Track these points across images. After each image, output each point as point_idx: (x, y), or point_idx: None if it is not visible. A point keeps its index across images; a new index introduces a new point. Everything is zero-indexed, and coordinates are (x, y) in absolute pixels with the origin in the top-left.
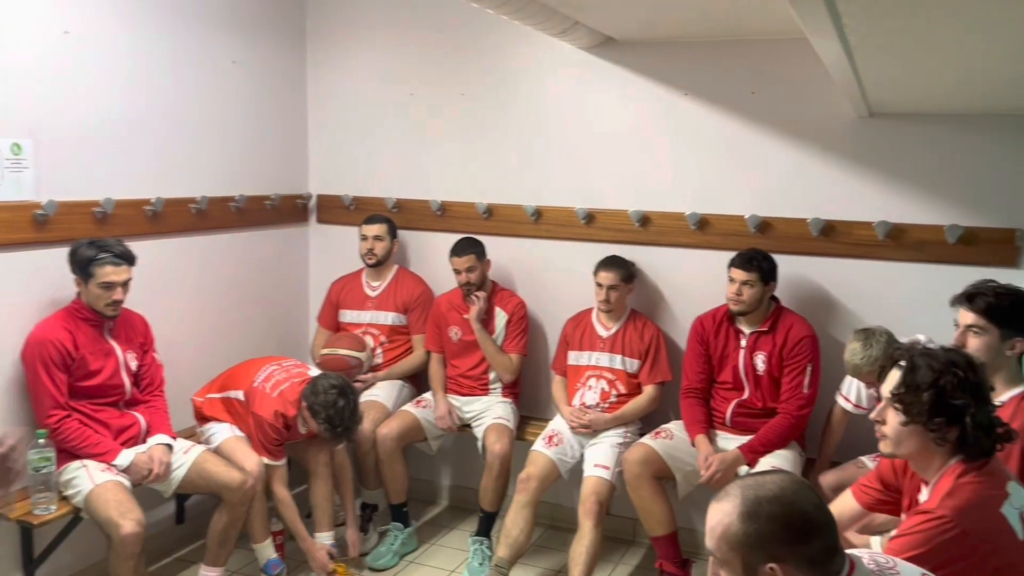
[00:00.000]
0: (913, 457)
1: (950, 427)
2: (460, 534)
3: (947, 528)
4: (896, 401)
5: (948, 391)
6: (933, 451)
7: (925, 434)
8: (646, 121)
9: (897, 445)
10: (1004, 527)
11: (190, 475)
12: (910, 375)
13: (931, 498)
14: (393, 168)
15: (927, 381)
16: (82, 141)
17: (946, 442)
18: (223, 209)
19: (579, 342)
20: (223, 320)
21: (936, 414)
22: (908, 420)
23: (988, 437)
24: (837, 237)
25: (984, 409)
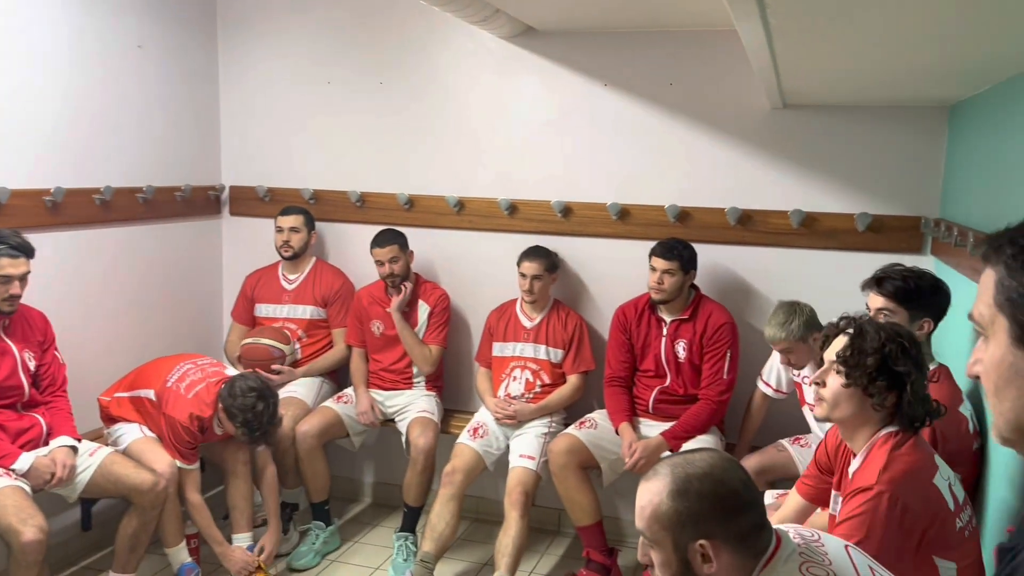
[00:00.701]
0: (846, 422)
1: (889, 393)
2: (384, 531)
3: (889, 503)
4: (841, 363)
5: (892, 357)
6: (867, 417)
7: (864, 399)
8: (567, 112)
9: (833, 408)
10: (938, 497)
11: (96, 478)
12: (858, 339)
13: (864, 472)
14: (310, 158)
15: (873, 346)
16: None
17: (883, 408)
18: (130, 200)
19: (503, 333)
20: (131, 317)
21: (878, 378)
22: (849, 383)
23: (923, 407)
24: (753, 226)
25: (921, 381)
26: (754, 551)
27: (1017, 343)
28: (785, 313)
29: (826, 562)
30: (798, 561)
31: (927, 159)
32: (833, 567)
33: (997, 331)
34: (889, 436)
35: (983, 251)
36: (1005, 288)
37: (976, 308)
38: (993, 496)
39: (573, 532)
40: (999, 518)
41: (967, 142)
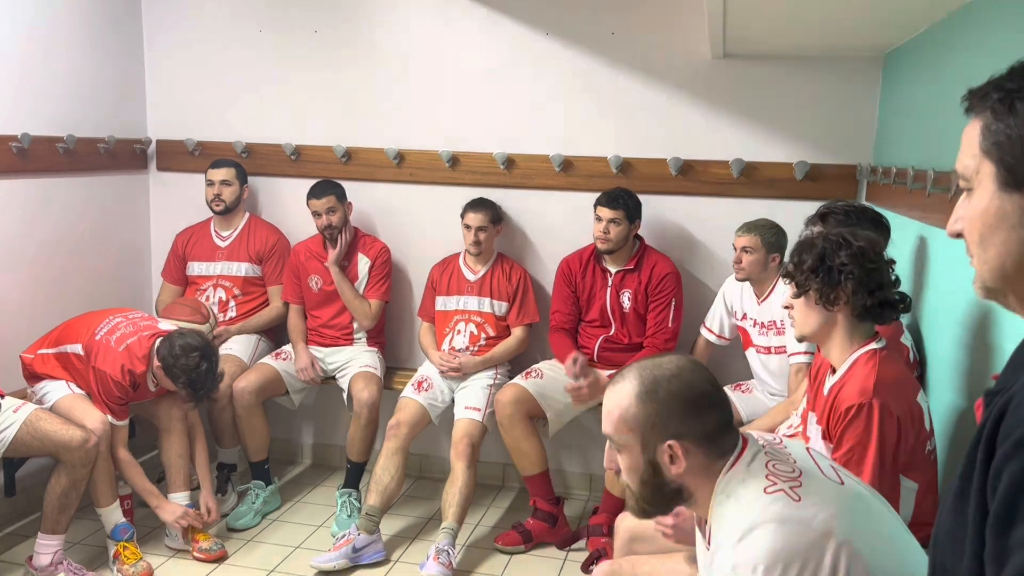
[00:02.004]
0: (818, 335)
1: (833, 289)
2: (325, 491)
3: (880, 415)
4: (785, 275)
5: (827, 253)
6: (833, 325)
7: (816, 302)
8: (508, 61)
9: (802, 325)
10: (920, 416)
11: (21, 435)
12: (796, 250)
13: (848, 389)
14: (241, 111)
15: (812, 251)
16: None
17: (833, 305)
18: (50, 150)
19: (447, 287)
20: (54, 273)
21: (816, 276)
22: (799, 291)
23: (872, 296)
24: (695, 176)
25: (871, 272)
26: (721, 451)
27: (1004, 187)
28: (766, 220)
29: (791, 460)
30: (764, 459)
31: (861, 108)
32: (799, 464)
33: (983, 179)
34: (873, 353)
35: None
36: (992, 133)
37: (960, 161)
38: None
39: (518, 486)
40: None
41: (901, 88)
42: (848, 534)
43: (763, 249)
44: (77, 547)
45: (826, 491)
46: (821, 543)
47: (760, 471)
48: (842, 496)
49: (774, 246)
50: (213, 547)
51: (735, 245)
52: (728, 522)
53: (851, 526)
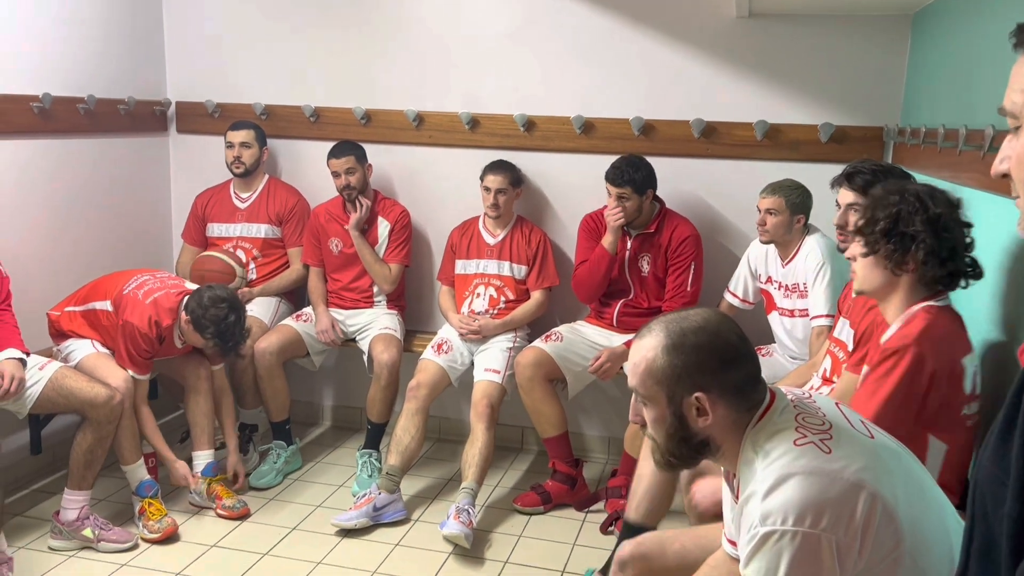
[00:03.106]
0: (878, 293)
1: (905, 255)
2: (345, 452)
3: (913, 359)
4: (856, 234)
5: (902, 216)
6: (895, 285)
7: (884, 264)
8: (529, 21)
9: (864, 280)
10: (959, 376)
11: (47, 392)
12: (871, 206)
13: (894, 335)
14: (261, 72)
15: (885, 211)
16: None
17: (903, 271)
18: (71, 111)
19: (466, 250)
20: (77, 233)
21: (887, 240)
22: (867, 251)
23: (943, 267)
24: (718, 138)
25: (944, 241)
26: (749, 404)
27: None
28: (791, 181)
29: (820, 414)
30: (793, 412)
31: (889, 68)
32: (828, 418)
33: None
34: (929, 309)
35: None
36: None
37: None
38: None
39: (537, 448)
40: None
41: (931, 46)
42: (879, 486)
43: (787, 211)
44: (103, 503)
45: (856, 444)
46: (852, 494)
47: (789, 424)
48: (873, 449)
49: (799, 207)
50: (236, 505)
51: (759, 207)
52: (757, 475)
53: (882, 478)
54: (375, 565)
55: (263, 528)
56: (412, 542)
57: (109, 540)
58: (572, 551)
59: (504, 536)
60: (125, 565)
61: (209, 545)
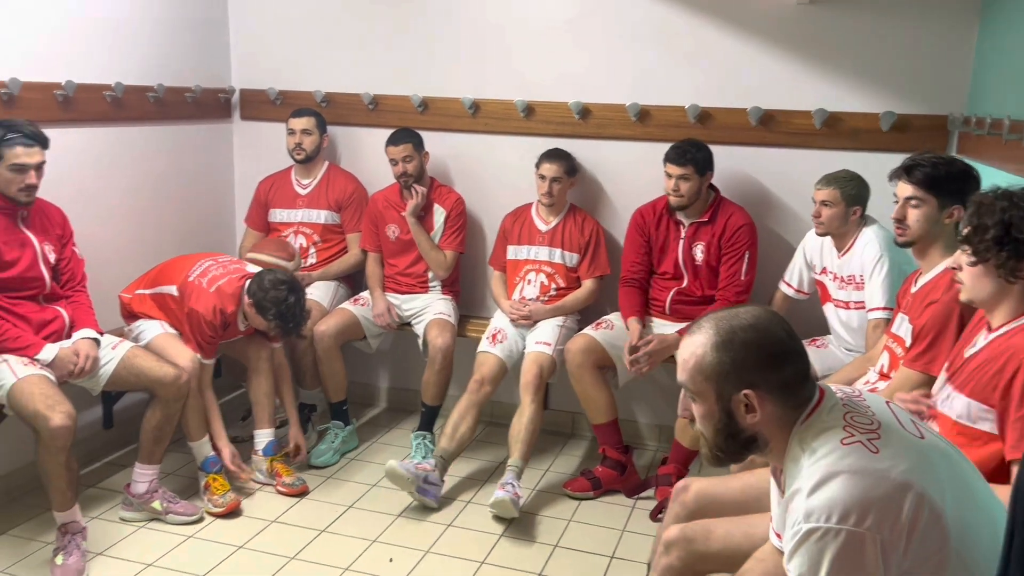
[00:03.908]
0: (987, 303)
1: (1019, 261)
2: (400, 433)
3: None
4: (964, 242)
5: (1013, 222)
6: (1006, 293)
7: (995, 273)
8: (586, 9)
9: (971, 290)
10: None
11: (119, 371)
12: (977, 213)
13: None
14: (322, 60)
15: (993, 218)
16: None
17: (1017, 279)
18: (141, 99)
19: (518, 236)
20: (144, 217)
21: (1001, 249)
22: (975, 260)
23: None
24: (775, 127)
25: None
26: (797, 401)
27: None
28: (847, 172)
29: (870, 413)
30: (842, 411)
31: (955, 55)
32: (877, 417)
33: None
34: None
35: None
36: None
37: None
38: None
39: (588, 435)
40: None
41: (1002, 33)
42: (927, 487)
43: (843, 203)
44: (171, 477)
45: (905, 444)
46: (899, 494)
47: (837, 423)
48: (922, 450)
49: (855, 199)
50: (295, 482)
51: (814, 198)
52: (804, 472)
53: (930, 480)
54: (428, 545)
55: (321, 505)
56: (464, 523)
57: (176, 512)
58: (621, 537)
59: (554, 520)
60: (191, 537)
61: (269, 520)
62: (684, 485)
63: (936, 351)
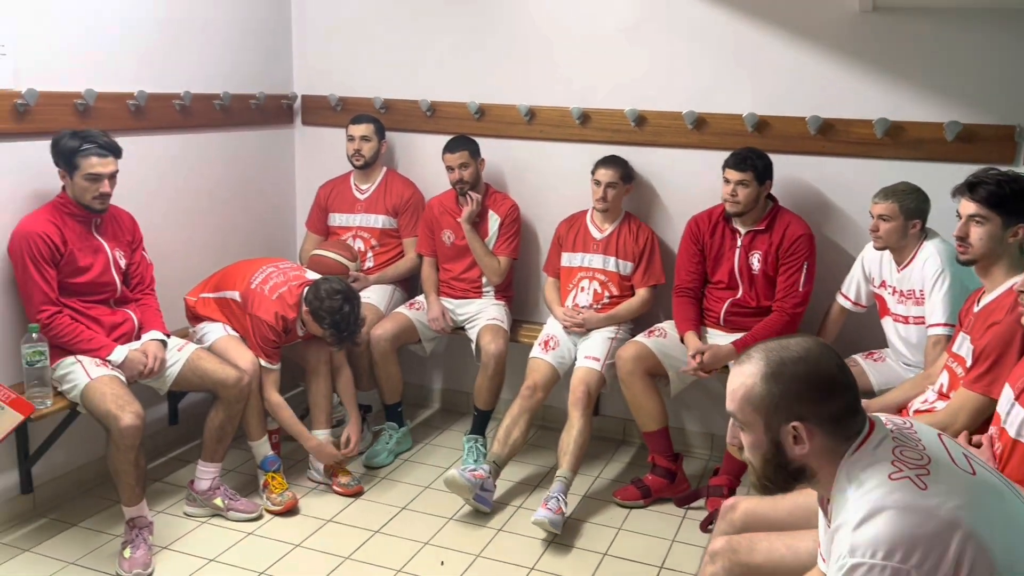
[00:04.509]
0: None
1: None
2: (453, 435)
3: None
4: None
5: None
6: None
7: None
8: (643, 16)
9: None
10: None
11: (184, 372)
12: None
13: None
14: (381, 67)
15: None
16: (63, 29)
17: None
18: (208, 107)
19: (572, 243)
20: (209, 221)
21: None
22: None
23: None
24: (835, 136)
25: None
26: (846, 434)
27: None
28: (905, 185)
29: (920, 447)
30: (891, 445)
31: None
32: (928, 451)
33: None
34: None
35: None
36: None
37: None
38: None
39: (638, 442)
40: None
41: None
42: (976, 526)
43: (901, 216)
44: (231, 474)
45: (955, 480)
46: (946, 533)
47: (886, 456)
48: (973, 486)
49: (914, 212)
50: (351, 483)
51: (871, 212)
52: (850, 505)
53: (980, 518)
54: (478, 548)
55: (375, 506)
56: (515, 528)
57: (237, 509)
58: (671, 547)
59: (603, 528)
60: (251, 534)
61: (326, 520)
62: (732, 504)
63: (997, 373)
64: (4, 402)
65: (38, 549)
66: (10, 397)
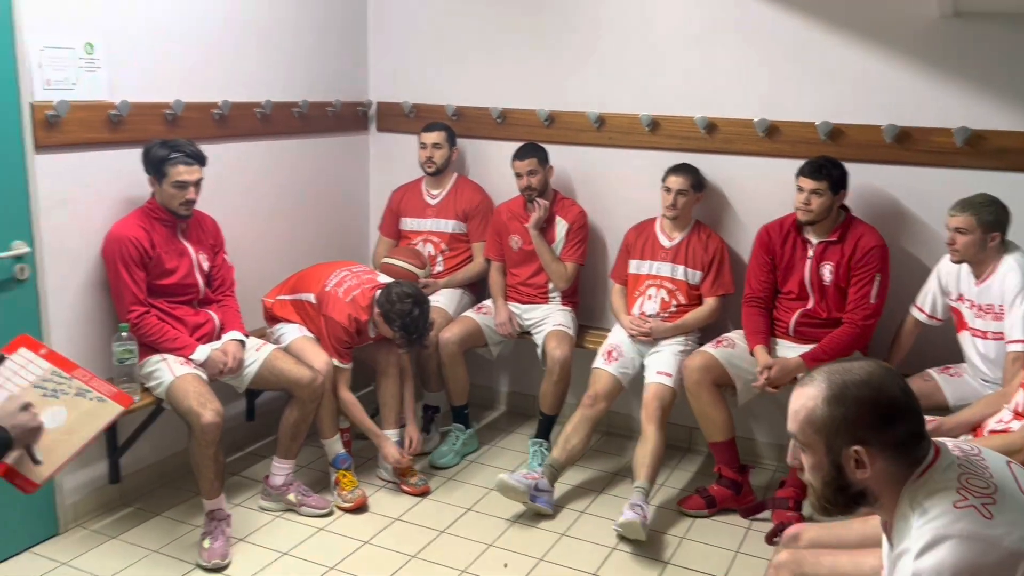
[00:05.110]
0: None
1: None
2: (519, 437)
3: None
4: None
5: None
6: None
7: None
8: (714, 23)
9: None
10: None
11: (262, 372)
12: None
13: None
14: (453, 75)
15: None
16: (152, 42)
17: None
18: (287, 114)
19: (640, 251)
20: (287, 225)
21: None
22: None
23: None
24: (912, 144)
25: None
26: (910, 460)
27: None
28: (983, 196)
29: (987, 475)
30: (957, 472)
31: None
32: (995, 480)
33: None
34: None
35: None
36: None
37: None
38: None
39: (704, 450)
40: None
41: None
42: None
43: (979, 229)
44: (304, 470)
45: (1022, 510)
46: (1010, 563)
47: (951, 484)
48: None
49: (992, 225)
50: (419, 482)
51: (948, 225)
52: (912, 532)
53: None
54: (541, 552)
55: (441, 506)
56: (578, 533)
57: (309, 505)
58: (735, 559)
59: (667, 537)
60: (322, 530)
61: (393, 518)
62: (796, 533)
63: None
64: (107, 395)
65: (124, 537)
66: (112, 391)
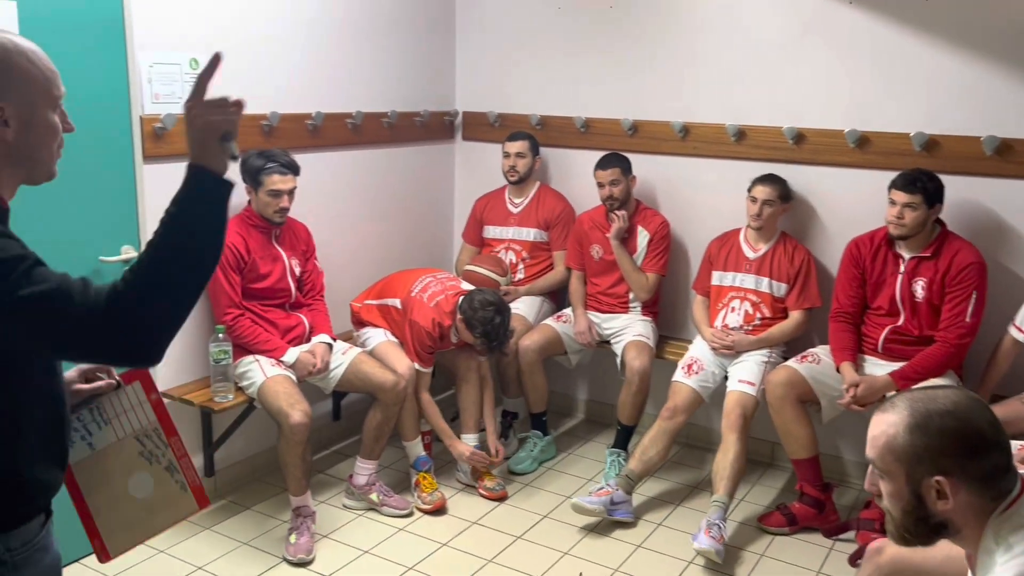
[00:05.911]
0: None
1: None
2: (596, 446)
3: None
4: None
5: None
6: None
7: None
8: (804, 30)
9: None
10: None
11: (347, 375)
12: None
13: None
14: (538, 84)
15: None
16: (250, 58)
17: None
18: (376, 125)
19: (724, 262)
20: (375, 232)
21: None
22: None
23: None
24: (1014, 157)
25: None
26: (995, 493)
27: None
28: None
29: None
30: None
31: None
32: None
33: None
34: None
35: None
36: None
37: None
38: None
39: (787, 466)
40: None
41: None
42: None
43: None
44: (386, 471)
45: None
46: None
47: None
48: None
49: None
50: (496, 487)
51: None
52: (997, 568)
53: None
54: (617, 563)
55: (518, 512)
56: (654, 545)
57: (390, 505)
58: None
59: (746, 553)
60: (402, 530)
61: (471, 522)
62: (879, 547)
63: None
64: (190, 485)
65: (217, 528)
66: (196, 482)
